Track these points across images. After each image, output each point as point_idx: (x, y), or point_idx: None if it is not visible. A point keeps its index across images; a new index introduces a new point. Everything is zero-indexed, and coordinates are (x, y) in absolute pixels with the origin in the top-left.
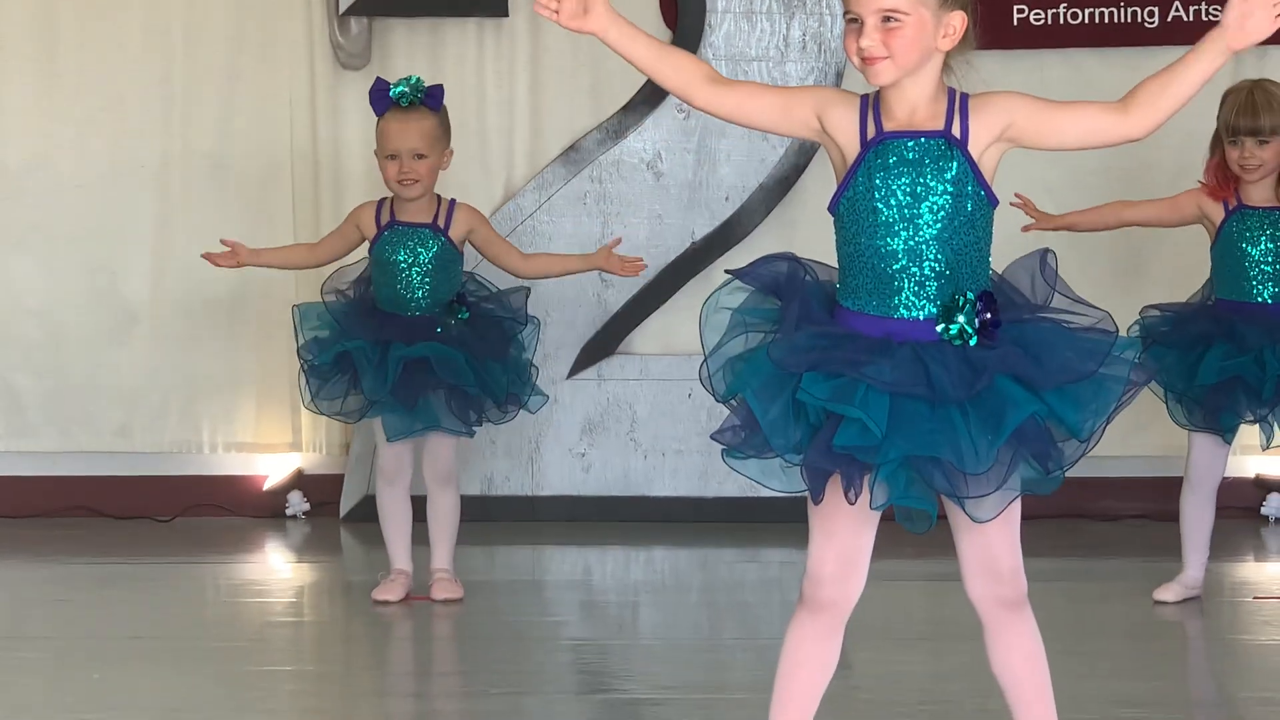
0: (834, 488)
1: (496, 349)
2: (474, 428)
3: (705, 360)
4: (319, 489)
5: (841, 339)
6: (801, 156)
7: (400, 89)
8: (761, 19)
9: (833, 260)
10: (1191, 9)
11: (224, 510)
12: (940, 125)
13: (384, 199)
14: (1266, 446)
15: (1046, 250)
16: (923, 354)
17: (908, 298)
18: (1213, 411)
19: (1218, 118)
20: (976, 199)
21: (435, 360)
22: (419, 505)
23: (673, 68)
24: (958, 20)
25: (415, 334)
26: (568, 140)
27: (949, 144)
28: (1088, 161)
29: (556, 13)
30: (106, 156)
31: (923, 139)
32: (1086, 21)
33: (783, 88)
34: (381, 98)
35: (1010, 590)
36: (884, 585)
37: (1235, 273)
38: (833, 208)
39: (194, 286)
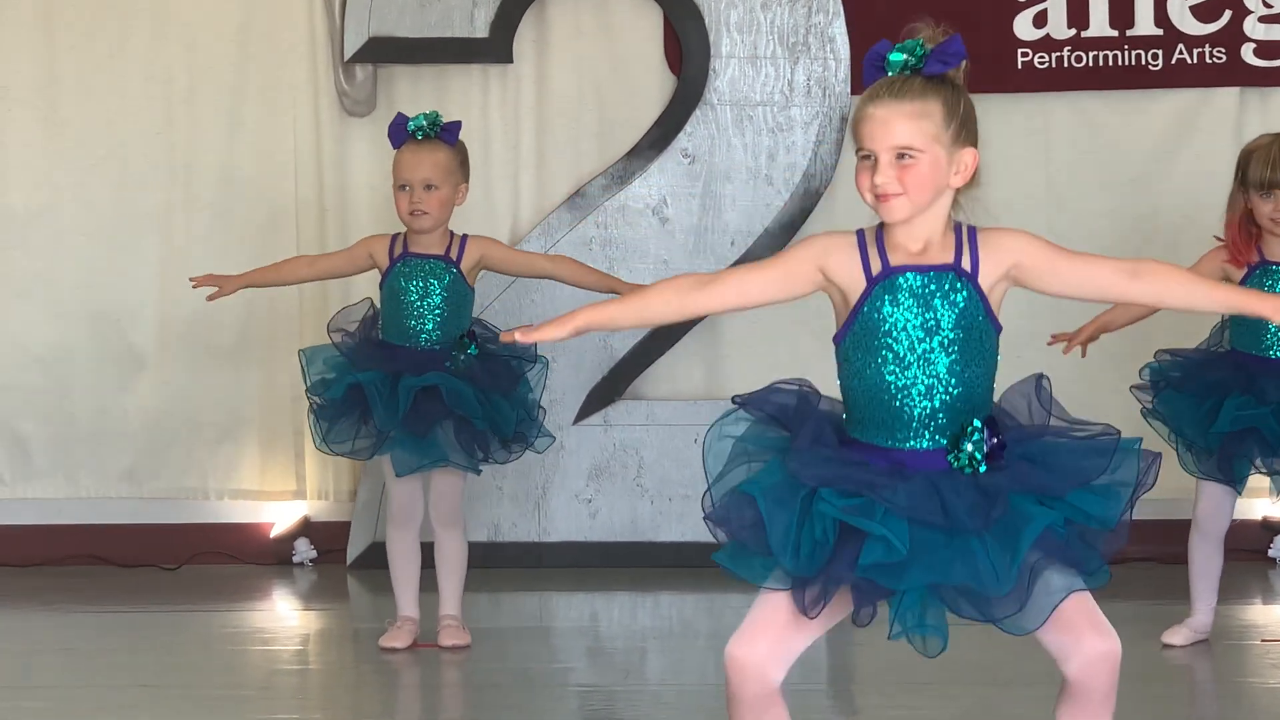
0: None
1: (504, 385)
2: (480, 465)
3: (709, 489)
4: (326, 536)
5: (854, 463)
6: (807, 200)
7: (418, 121)
8: (766, 64)
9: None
10: (1195, 51)
11: (230, 558)
12: (950, 258)
13: (398, 233)
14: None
15: (1040, 375)
16: (937, 483)
17: (918, 430)
18: (1225, 461)
19: (1241, 173)
20: (985, 330)
21: (445, 391)
22: (427, 551)
23: (660, 302)
24: (969, 157)
25: (425, 366)
26: (573, 185)
27: (959, 277)
28: (1094, 205)
29: (534, 330)
30: (111, 204)
31: (932, 272)
32: (1090, 65)
33: (773, 259)
34: (399, 130)
35: (1110, 662)
36: None
37: (1255, 327)
38: (838, 340)
39: (198, 333)
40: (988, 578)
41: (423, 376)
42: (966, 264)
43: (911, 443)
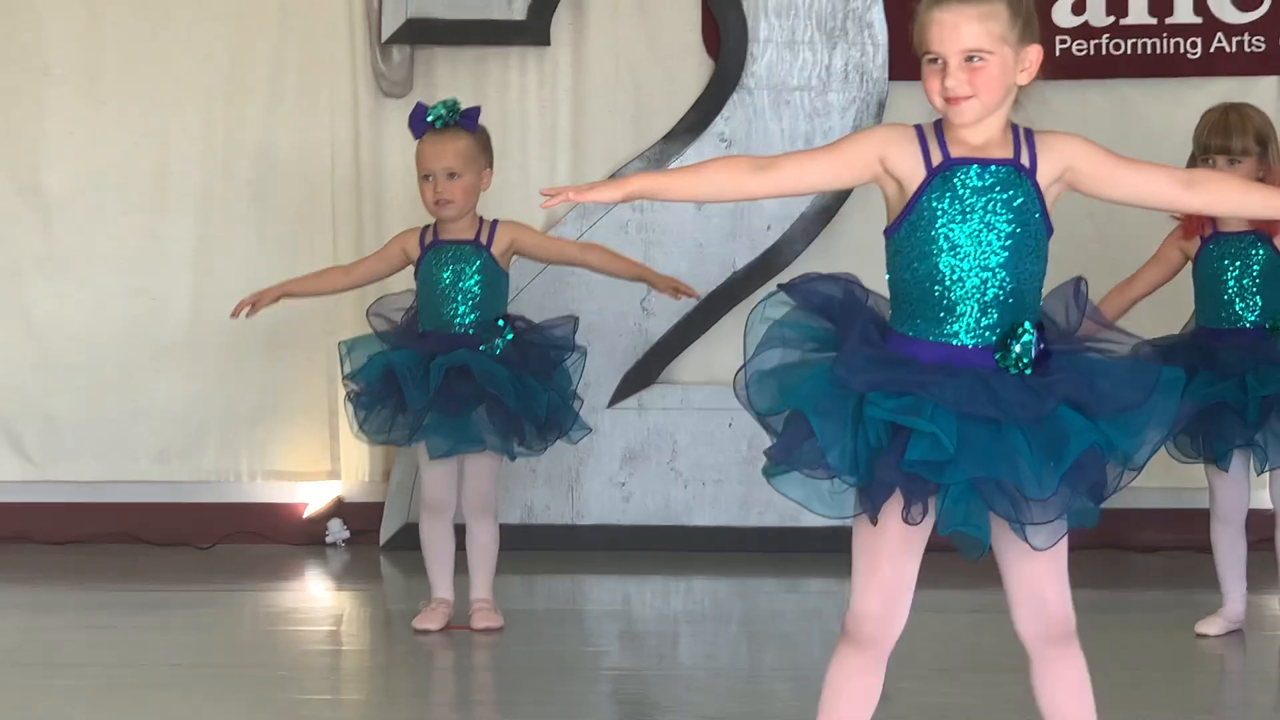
0: (887, 514)
1: (539, 370)
2: (515, 451)
3: (742, 368)
4: (359, 517)
5: (902, 362)
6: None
7: (437, 111)
8: (804, 49)
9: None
10: (1234, 40)
11: (263, 538)
12: (1010, 154)
13: (428, 224)
14: (1260, 472)
15: (1080, 278)
16: (986, 378)
17: (968, 325)
18: (1203, 440)
19: (1193, 140)
20: (1040, 229)
21: (477, 370)
22: (460, 532)
23: (716, 176)
24: (1034, 53)
25: (458, 348)
26: (610, 168)
27: (1018, 173)
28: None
29: (588, 190)
30: (149, 182)
31: (993, 166)
32: (1129, 52)
33: (832, 145)
34: (419, 121)
35: (1058, 625)
36: (929, 616)
37: (1214, 298)
38: (891, 232)
39: (228, 310)
40: (1029, 479)
41: (453, 354)
42: (1025, 161)
43: (962, 338)
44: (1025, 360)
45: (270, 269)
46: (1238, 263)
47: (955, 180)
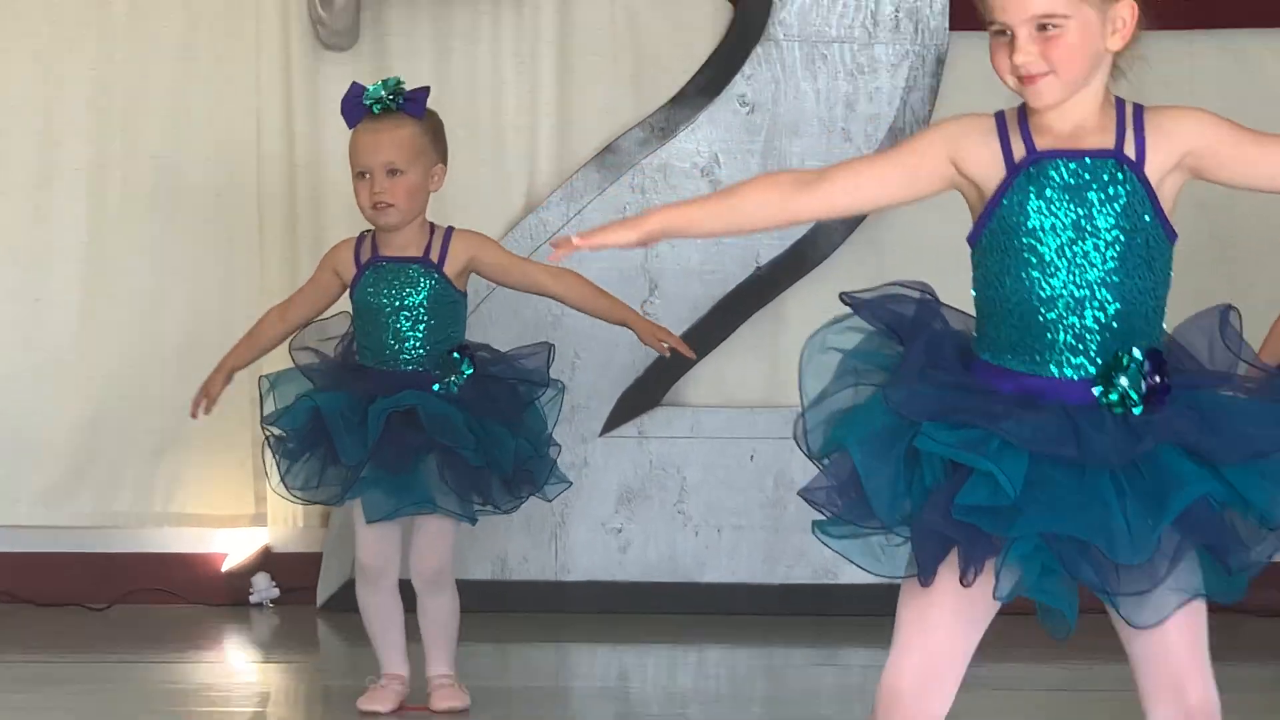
0: (943, 573)
1: (506, 412)
2: (474, 513)
3: (803, 414)
4: (291, 570)
5: (976, 391)
6: None
7: (374, 92)
8: None
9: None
10: None
11: (173, 596)
12: (1110, 143)
13: (365, 233)
14: None
15: (1228, 307)
16: (1074, 414)
17: (1062, 353)
18: None
19: None
20: (1154, 234)
21: (426, 415)
22: (410, 601)
23: (755, 198)
24: (1127, 11)
25: (404, 389)
26: (603, 140)
27: (1120, 165)
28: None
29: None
30: (32, 157)
31: (1088, 159)
32: None
33: (895, 150)
34: (354, 105)
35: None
36: (994, 694)
37: None
38: (973, 240)
39: (135, 319)
40: (1120, 538)
41: (398, 396)
42: (1130, 150)
43: (1052, 368)
44: (1133, 397)
45: (181, 264)
46: None
47: (1041, 178)
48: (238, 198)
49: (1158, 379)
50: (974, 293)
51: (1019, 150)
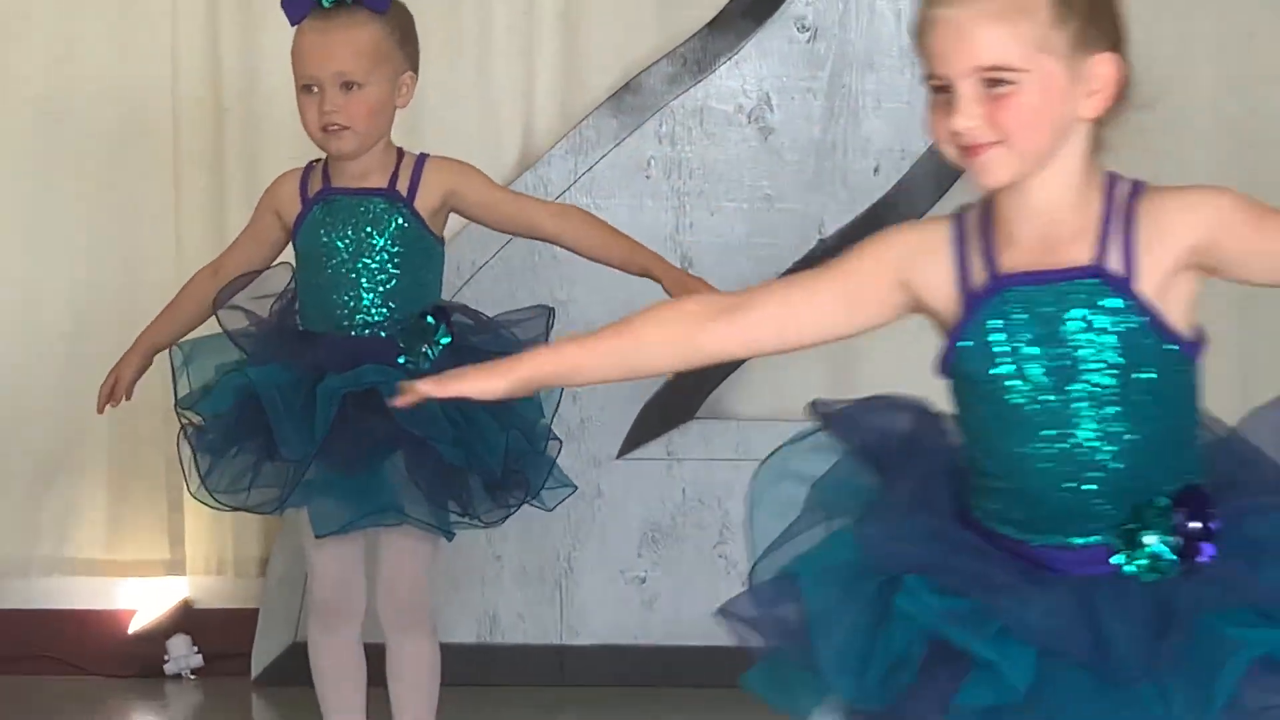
0: None
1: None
2: (452, 524)
3: (755, 563)
4: (217, 632)
5: (971, 546)
6: None
7: None
8: None
9: None
10: None
11: (66, 665)
12: (1087, 253)
13: (313, 163)
14: None
15: None
16: (1092, 592)
17: (1064, 522)
18: None
19: None
20: (1162, 359)
21: (390, 395)
22: (376, 658)
23: (653, 335)
24: (1106, 66)
25: (361, 361)
26: (620, 76)
27: (1105, 284)
28: None
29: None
30: None
31: (1062, 283)
32: None
33: (832, 269)
34: None
35: None
36: None
37: None
38: (944, 372)
39: (14, 316)
40: None
41: (355, 373)
42: (1117, 260)
43: (1056, 537)
44: (1167, 559)
45: (79, 234)
46: None
47: (1007, 312)
48: (147, 137)
49: (1198, 524)
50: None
51: (979, 274)
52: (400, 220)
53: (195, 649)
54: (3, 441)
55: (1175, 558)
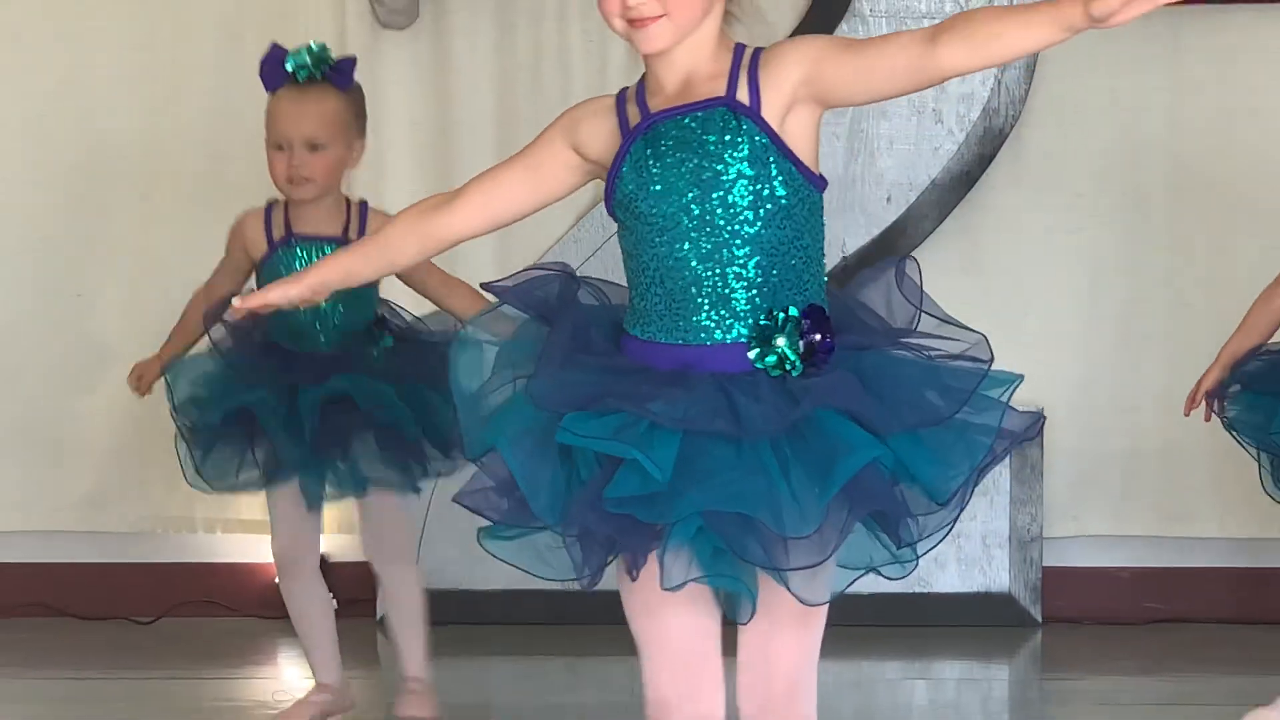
0: (648, 572)
1: (435, 377)
2: (418, 485)
3: (458, 416)
4: (348, 581)
5: (625, 373)
6: (987, 144)
7: (299, 59)
8: None
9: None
10: None
11: (224, 609)
12: (721, 90)
13: (273, 204)
14: None
15: (905, 258)
16: (728, 385)
17: (709, 317)
18: None
19: None
20: (789, 182)
21: (361, 398)
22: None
23: (400, 233)
24: None
25: (328, 372)
26: None
27: (734, 112)
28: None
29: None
30: (73, 143)
31: (699, 113)
32: None
33: (519, 153)
34: (275, 69)
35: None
36: (1098, 710)
37: None
38: (609, 208)
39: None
40: (788, 510)
41: (326, 384)
42: (744, 95)
43: (702, 335)
44: (792, 357)
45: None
46: None
47: (656, 140)
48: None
49: (817, 336)
50: (622, 265)
51: (634, 118)
52: None
53: (331, 595)
54: (170, 423)
55: (797, 360)
